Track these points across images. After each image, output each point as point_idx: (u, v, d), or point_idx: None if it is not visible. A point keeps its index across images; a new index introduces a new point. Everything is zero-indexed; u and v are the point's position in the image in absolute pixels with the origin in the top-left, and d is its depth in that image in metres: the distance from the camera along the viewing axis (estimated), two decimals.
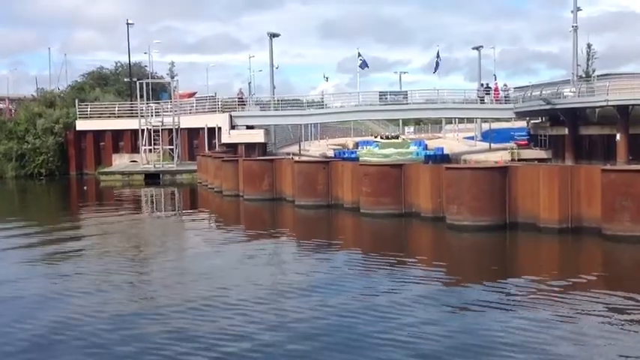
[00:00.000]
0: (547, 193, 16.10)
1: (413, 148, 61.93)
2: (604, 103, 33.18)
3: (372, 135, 75.65)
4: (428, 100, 47.42)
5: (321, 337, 8.68)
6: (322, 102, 51.39)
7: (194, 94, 60.00)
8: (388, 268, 12.90)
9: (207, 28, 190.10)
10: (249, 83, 68.08)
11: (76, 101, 47.76)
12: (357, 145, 71.39)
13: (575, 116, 36.73)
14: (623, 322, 9.17)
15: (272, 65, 49.14)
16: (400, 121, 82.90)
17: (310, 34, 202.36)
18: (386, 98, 45.80)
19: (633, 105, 32.40)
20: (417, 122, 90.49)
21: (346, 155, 52.80)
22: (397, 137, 66.30)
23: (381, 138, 71.91)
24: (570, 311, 9.70)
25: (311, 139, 68.71)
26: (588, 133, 36.65)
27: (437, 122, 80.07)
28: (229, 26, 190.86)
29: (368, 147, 69.44)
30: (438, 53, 56.03)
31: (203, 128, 44.08)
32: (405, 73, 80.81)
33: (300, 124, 54.88)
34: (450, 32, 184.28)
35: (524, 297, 10.56)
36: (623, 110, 32.87)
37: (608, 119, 34.62)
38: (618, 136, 33.17)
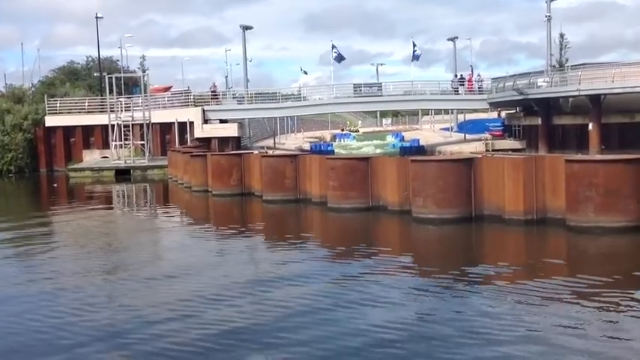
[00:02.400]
0: (512, 184, 15.87)
1: (390, 140, 61.96)
2: (576, 93, 33.12)
3: (340, 128, 75.94)
4: (405, 92, 47.16)
5: (297, 332, 8.55)
6: (300, 95, 50.88)
7: (169, 88, 59.17)
8: (352, 264, 12.63)
9: (190, 22, 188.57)
10: (226, 77, 67.42)
11: (45, 97, 46.81)
12: (334, 137, 71.25)
13: (549, 106, 36.68)
14: (583, 311, 9.10)
15: (245, 58, 48.62)
16: (378, 113, 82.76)
17: (294, 28, 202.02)
18: (360, 90, 45.42)
19: (605, 94, 32.37)
20: (395, 114, 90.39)
21: (322, 148, 52.46)
22: (357, 130, 66.93)
23: (342, 130, 72.54)
24: (531, 300, 9.64)
25: (288, 133, 68.37)
26: (561, 123, 36.61)
27: (414, 114, 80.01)
28: (213, 20, 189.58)
29: (346, 140, 69.38)
30: (413, 44, 55.71)
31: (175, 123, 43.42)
32: (382, 64, 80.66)
33: (276, 118, 54.41)
34: (432, 24, 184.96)
35: (488, 287, 10.52)
36: (595, 100, 32.82)
37: (581, 109, 34.57)
38: (590, 126, 33.15)
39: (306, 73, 67.41)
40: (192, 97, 46.13)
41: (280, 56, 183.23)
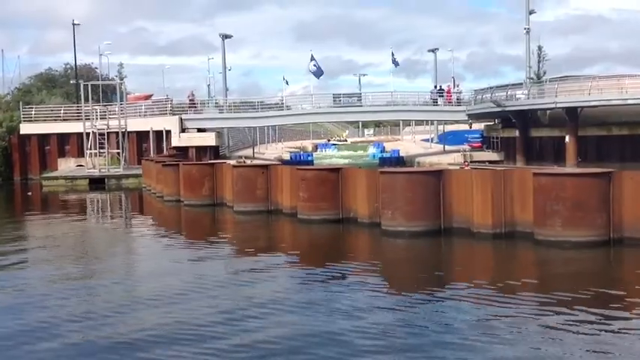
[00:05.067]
0: (480, 197, 15.62)
1: (371, 150, 61.89)
2: (553, 106, 33.23)
3: (325, 138, 75.84)
4: (387, 102, 47.13)
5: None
6: (282, 104, 50.65)
7: (150, 96, 58.77)
8: (319, 280, 12.23)
9: (179, 29, 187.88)
10: (209, 85, 67.13)
11: (21, 104, 46.16)
12: (316, 147, 71.04)
13: (526, 118, 36.76)
14: (550, 325, 8.94)
15: (225, 67, 48.41)
16: (360, 123, 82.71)
17: (285, 37, 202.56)
18: (340, 100, 45.31)
19: (582, 107, 32.45)
20: (377, 124, 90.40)
21: (302, 158, 52.22)
22: (345, 140, 67.12)
23: (328, 141, 72.54)
24: (497, 314, 9.57)
25: (269, 142, 68.08)
26: (539, 135, 36.71)
27: (396, 125, 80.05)
28: (203, 27, 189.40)
29: (327, 149, 69.18)
30: (392, 54, 55.81)
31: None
32: (364, 75, 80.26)
33: (255, 127, 54.13)
34: (421, 35, 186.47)
35: (454, 301, 10.33)
36: (572, 112, 32.90)
37: (558, 121, 34.65)
38: (567, 138, 33.22)
39: (287, 83, 67.29)
40: (170, 105, 45.73)
41: (269, 65, 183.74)
